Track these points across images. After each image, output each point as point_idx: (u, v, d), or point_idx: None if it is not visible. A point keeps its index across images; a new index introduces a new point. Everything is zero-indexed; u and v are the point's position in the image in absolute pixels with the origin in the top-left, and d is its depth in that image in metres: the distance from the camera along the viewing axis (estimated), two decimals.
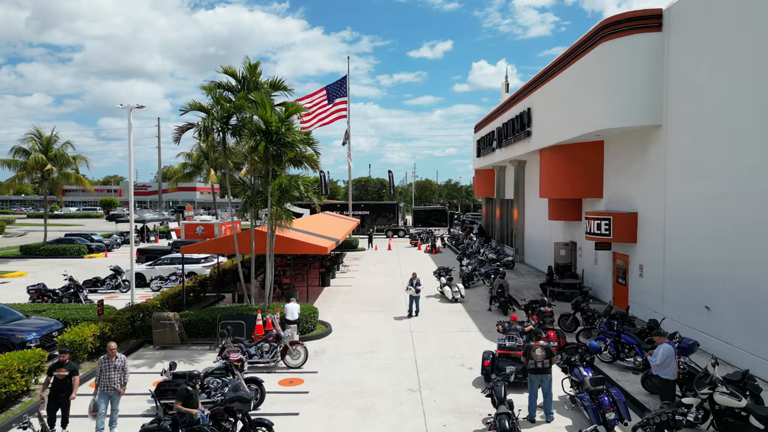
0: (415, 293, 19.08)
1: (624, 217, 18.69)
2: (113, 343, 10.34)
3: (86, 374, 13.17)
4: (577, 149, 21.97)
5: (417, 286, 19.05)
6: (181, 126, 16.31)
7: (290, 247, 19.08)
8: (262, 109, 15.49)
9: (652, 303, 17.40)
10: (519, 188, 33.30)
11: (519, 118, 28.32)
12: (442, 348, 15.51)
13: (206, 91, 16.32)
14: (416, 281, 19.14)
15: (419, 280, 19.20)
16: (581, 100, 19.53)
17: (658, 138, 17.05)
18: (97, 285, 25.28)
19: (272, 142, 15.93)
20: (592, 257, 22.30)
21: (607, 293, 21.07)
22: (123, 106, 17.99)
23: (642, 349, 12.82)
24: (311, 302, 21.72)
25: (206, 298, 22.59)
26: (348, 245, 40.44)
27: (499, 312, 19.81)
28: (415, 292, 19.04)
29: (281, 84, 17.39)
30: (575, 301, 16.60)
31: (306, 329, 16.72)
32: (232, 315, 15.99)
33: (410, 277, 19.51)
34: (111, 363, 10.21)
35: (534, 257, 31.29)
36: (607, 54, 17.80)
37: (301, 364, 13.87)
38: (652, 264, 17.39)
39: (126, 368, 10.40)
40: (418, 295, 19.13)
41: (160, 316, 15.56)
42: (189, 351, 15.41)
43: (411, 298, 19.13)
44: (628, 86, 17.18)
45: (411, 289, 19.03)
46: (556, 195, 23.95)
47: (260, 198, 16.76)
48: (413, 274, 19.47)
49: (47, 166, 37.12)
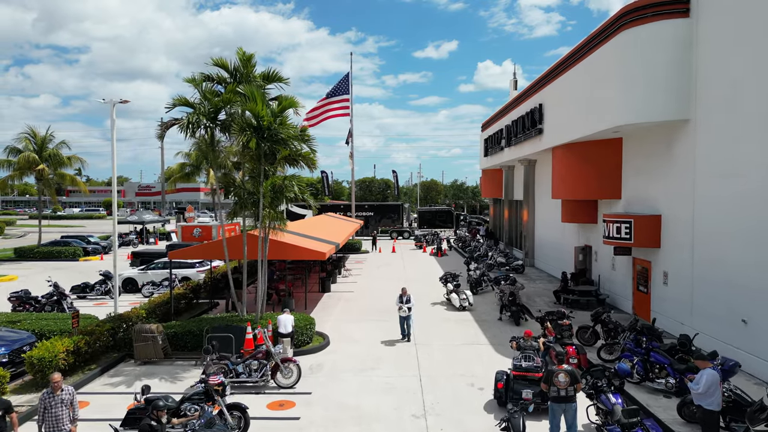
0: (407, 312, 16.20)
1: (646, 219, 17.26)
2: (57, 374, 8.76)
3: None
4: (592, 147, 20.55)
5: (408, 304, 16.19)
6: (165, 122, 15.02)
7: (285, 253, 17.76)
8: (252, 103, 14.18)
9: (678, 313, 15.97)
10: (529, 188, 31.87)
11: (530, 115, 26.89)
12: (449, 364, 14.15)
13: (192, 84, 15.03)
14: (407, 297, 16.26)
15: (410, 296, 16.31)
16: (599, 94, 18.10)
17: (686, 133, 15.62)
18: (86, 291, 24.05)
19: (264, 139, 14.62)
20: (609, 262, 20.87)
21: (625, 301, 19.63)
22: (105, 101, 16.77)
23: (674, 370, 11.42)
24: (310, 310, 20.47)
25: (198, 305, 21.32)
26: (351, 248, 39.12)
27: (511, 322, 18.41)
28: (406, 311, 16.19)
29: (275, 75, 16.07)
30: (595, 312, 15.17)
31: (301, 342, 15.40)
32: (220, 327, 14.69)
33: (399, 293, 16.60)
34: (56, 398, 8.59)
35: (544, 261, 29.84)
36: (628, 43, 16.38)
37: (294, 384, 12.54)
38: (679, 271, 15.95)
39: (75, 402, 8.91)
40: (409, 314, 16.22)
41: (142, 328, 14.28)
42: (173, 367, 14.11)
43: (401, 319, 16.24)
44: (652, 78, 15.77)
45: (402, 309, 16.16)
46: (570, 196, 22.52)
47: (252, 200, 15.45)
48: (402, 290, 16.57)
49: (40, 165, 36.02)
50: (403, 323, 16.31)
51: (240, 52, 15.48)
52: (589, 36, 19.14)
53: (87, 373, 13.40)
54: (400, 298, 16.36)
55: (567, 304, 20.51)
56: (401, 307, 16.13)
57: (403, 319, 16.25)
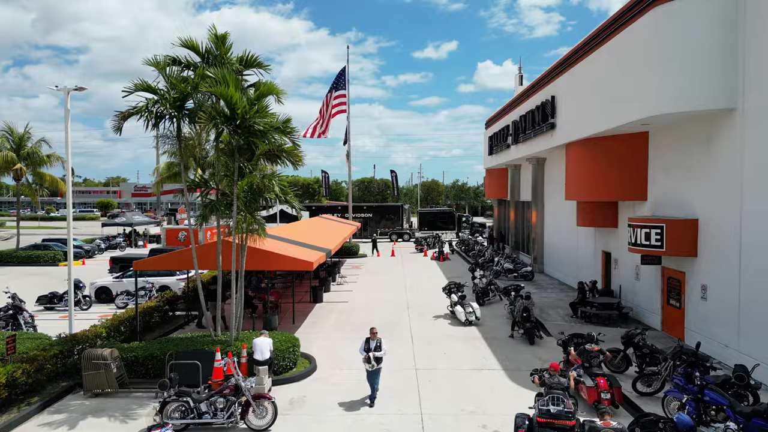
0: (374, 366, 11.20)
1: (681, 224, 15.06)
2: None
3: None
4: (614, 142, 18.34)
5: (378, 352, 11.23)
6: (122, 112, 12.83)
7: (268, 262, 15.57)
8: (223, 87, 11.98)
9: (720, 334, 13.77)
10: (537, 189, 29.66)
11: (540, 109, 24.67)
12: (456, 396, 11.94)
13: (155, 67, 12.83)
14: (376, 343, 11.33)
15: (380, 342, 11.42)
16: (624, 82, 15.89)
17: (731, 124, 13.42)
18: (54, 301, 21.85)
19: (238, 130, 12.43)
20: (632, 271, 18.66)
21: (651, 315, 17.42)
22: (59, 88, 14.60)
23: (736, 413, 9.21)
24: (298, 324, 18.30)
25: (175, 319, 19.15)
26: (347, 251, 36.89)
27: (524, 340, 16.21)
28: (374, 364, 11.18)
29: (254, 60, 13.88)
30: (628, 334, 12.93)
31: (284, 367, 13.20)
32: (186, 352, 12.48)
33: (366, 336, 11.64)
34: None
35: (555, 267, 27.61)
36: (660, 21, 14.20)
37: (268, 425, 10.35)
38: (722, 284, 13.75)
39: None
40: (378, 368, 11.28)
41: (92, 354, 12.07)
42: (128, 400, 11.90)
43: (369, 375, 11.40)
44: (690, 61, 13.59)
45: (370, 362, 11.19)
46: (587, 197, 20.31)
47: (225, 201, 13.27)
48: (371, 332, 11.58)
49: (17, 164, 33.87)
50: (372, 380, 11.43)
51: (212, 32, 13.29)
52: (612, 17, 16.94)
53: (24, 409, 11.21)
54: (366, 344, 11.40)
55: (585, 318, 18.32)
56: (368, 359, 11.20)
57: (371, 374, 11.38)
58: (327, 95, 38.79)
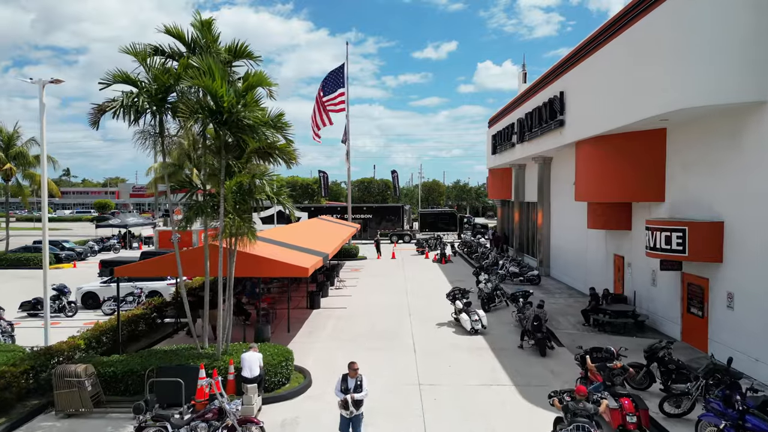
0: (353, 412, 9.08)
1: (705, 227, 13.98)
2: None
3: None
4: (628, 140, 17.26)
5: (359, 394, 9.09)
6: (99, 105, 11.76)
7: (260, 268, 14.49)
8: (208, 78, 10.91)
9: (748, 346, 12.69)
10: (543, 189, 28.59)
11: (548, 106, 23.60)
12: (464, 418, 10.86)
13: (134, 56, 11.76)
14: (357, 382, 9.16)
15: (361, 380, 9.21)
16: (645, 74, 14.80)
17: (760, 118, 12.35)
18: (38, 308, 20.77)
19: (224, 125, 11.36)
20: (648, 277, 17.58)
21: (670, 324, 16.34)
22: (33, 81, 13.53)
23: None
24: (294, 332, 17.25)
25: (163, 327, 18.09)
26: (347, 254, 35.81)
27: (534, 351, 15.14)
28: (353, 411, 9.07)
29: (244, 50, 12.78)
30: (651, 348, 11.83)
31: (275, 384, 12.12)
32: (169, 368, 11.42)
33: (344, 372, 9.37)
34: None
35: (562, 270, 26.53)
36: (683, 7, 13.14)
37: None
38: (751, 292, 12.67)
39: None
40: (359, 414, 9.15)
41: (65, 371, 11.00)
42: (104, 421, 10.83)
43: (344, 422, 9.21)
44: (717, 50, 12.52)
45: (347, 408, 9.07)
46: (599, 198, 19.23)
47: (211, 203, 12.20)
48: (351, 368, 9.30)
49: (6, 164, 32.82)
50: (347, 428, 9.21)
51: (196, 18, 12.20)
52: (629, 5, 15.86)
53: None
54: (343, 383, 9.19)
55: (598, 326, 17.24)
56: (345, 403, 9.06)
57: (347, 422, 9.19)
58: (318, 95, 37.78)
